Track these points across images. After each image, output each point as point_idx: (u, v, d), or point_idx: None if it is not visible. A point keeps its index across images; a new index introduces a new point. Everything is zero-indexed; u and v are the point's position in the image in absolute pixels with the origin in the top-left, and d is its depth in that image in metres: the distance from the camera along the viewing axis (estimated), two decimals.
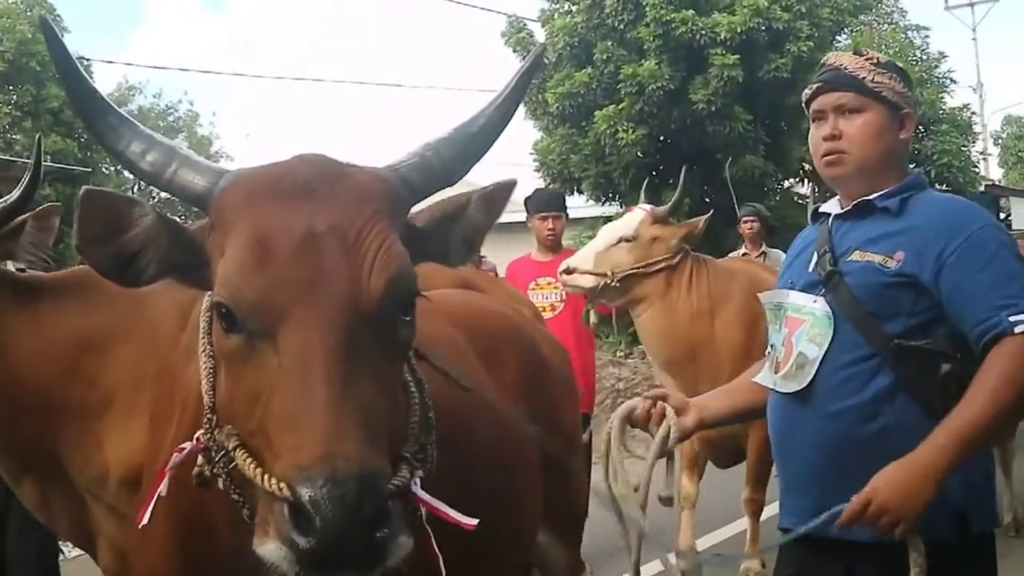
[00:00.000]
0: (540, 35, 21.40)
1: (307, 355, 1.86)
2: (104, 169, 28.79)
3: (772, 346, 3.11)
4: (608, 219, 12.14)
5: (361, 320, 1.93)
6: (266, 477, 1.81)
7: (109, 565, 3.39)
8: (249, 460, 1.88)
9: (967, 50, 64.74)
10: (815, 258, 3.02)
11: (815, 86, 3.07)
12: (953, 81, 27.08)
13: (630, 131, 18.89)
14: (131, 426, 3.18)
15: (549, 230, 7.28)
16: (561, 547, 3.99)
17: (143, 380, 3.18)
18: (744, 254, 9.84)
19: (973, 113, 29.11)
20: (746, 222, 10.02)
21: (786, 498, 3.09)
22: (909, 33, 29.96)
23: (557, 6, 21.26)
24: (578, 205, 20.93)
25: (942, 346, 2.78)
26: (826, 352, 2.89)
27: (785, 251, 3.49)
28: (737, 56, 18.29)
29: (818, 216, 3.19)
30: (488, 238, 2.30)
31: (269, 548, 1.80)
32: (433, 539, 2.13)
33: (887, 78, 2.98)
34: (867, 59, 3.03)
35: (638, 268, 6.15)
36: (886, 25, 30.49)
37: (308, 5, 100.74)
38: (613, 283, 6.10)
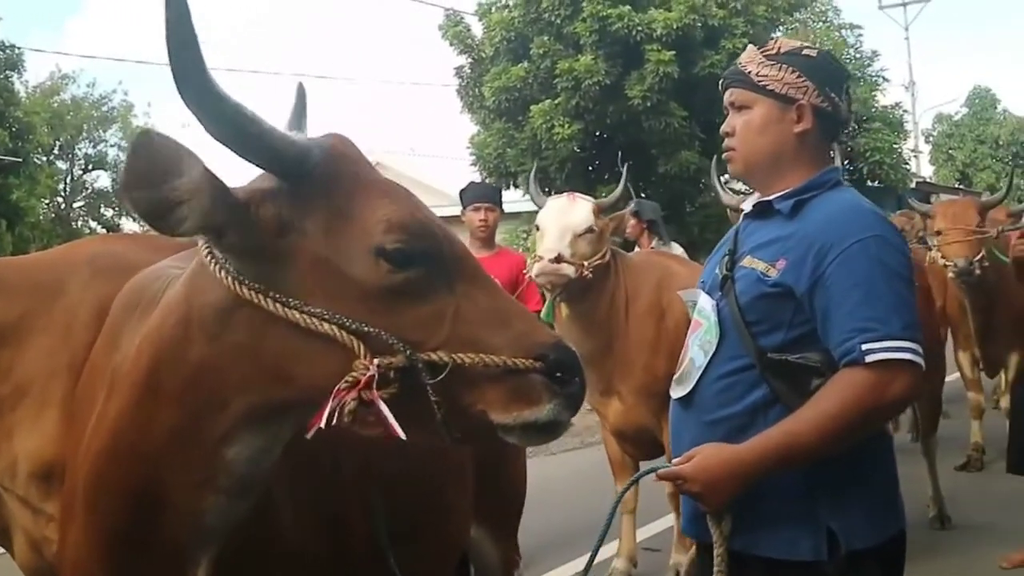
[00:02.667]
0: (477, 29, 21.41)
1: (485, 276, 2.27)
2: (36, 159, 28.44)
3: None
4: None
5: None
6: (511, 360, 2.10)
7: (26, 560, 3.35)
8: (478, 356, 2.10)
9: (900, 49, 65.44)
10: (723, 257, 2.92)
11: (721, 83, 3.01)
12: (885, 79, 27.44)
13: (566, 126, 18.95)
14: (43, 418, 3.16)
15: (481, 221, 7.21)
16: (493, 541, 3.96)
17: (57, 372, 3.15)
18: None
19: (905, 111, 29.46)
20: None
21: (682, 500, 3.02)
22: (843, 31, 30.22)
23: (494, 0, 21.24)
24: (515, 199, 20.95)
25: (815, 362, 2.65)
26: (710, 360, 2.81)
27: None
28: (673, 52, 18.37)
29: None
30: None
31: (546, 409, 2.11)
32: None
33: (776, 69, 2.82)
34: (763, 51, 2.89)
35: (598, 260, 6.03)
36: (820, 23, 30.75)
37: None
38: (588, 274, 5.93)
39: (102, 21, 72.67)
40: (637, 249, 9.35)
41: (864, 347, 2.53)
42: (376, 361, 2.04)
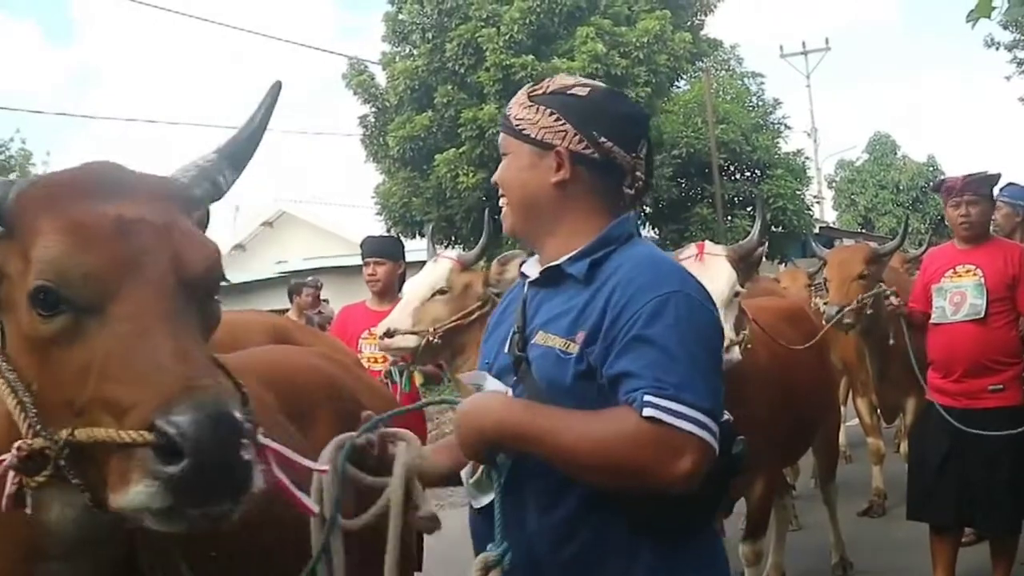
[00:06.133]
0: (381, 78, 21.39)
1: (146, 317, 1.86)
2: None
3: None
4: None
5: (184, 293, 1.95)
6: (122, 432, 1.73)
7: None
8: (96, 428, 1.79)
9: (802, 96, 66.65)
10: (510, 334, 2.49)
11: None
12: (788, 127, 27.92)
13: (471, 175, 18.98)
14: None
15: (370, 275, 7.13)
16: None
17: None
18: None
19: (807, 158, 30.01)
20: None
21: None
22: (746, 80, 30.79)
23: (398, 49, 21.28)
24: (420, 248, 20.86)
25: None
26: (515, 460, 2.32)
27: None
28: None
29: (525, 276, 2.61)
30: (331, 282, 2.29)
31: (135, 491, 1.72)
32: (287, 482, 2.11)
33: (533, 112, 2.46)
34: (530, 91, 2.54)
35: (457, 320, 5.80)
36: (723, 72, 31.24)
37: (153, 43, 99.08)
38: (435, 340, 5.69)
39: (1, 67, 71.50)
40: None
41: (646, 398, 2.10)
42: (18, 443, 1.89)
